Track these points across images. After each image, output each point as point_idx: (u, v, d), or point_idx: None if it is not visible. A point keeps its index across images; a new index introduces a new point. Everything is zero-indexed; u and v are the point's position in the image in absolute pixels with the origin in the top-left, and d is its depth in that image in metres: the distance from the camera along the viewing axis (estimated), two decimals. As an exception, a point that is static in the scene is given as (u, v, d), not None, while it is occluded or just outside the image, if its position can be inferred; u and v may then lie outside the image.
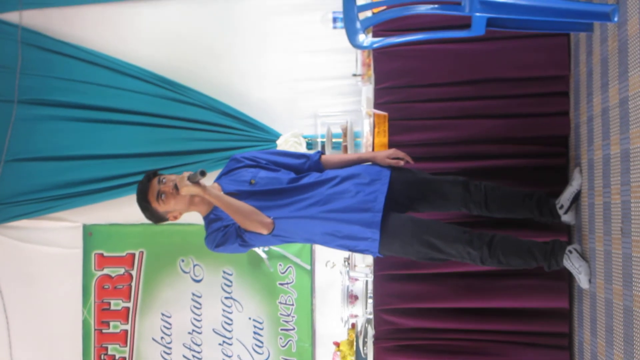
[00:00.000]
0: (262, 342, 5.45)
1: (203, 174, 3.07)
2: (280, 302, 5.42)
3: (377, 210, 3.24)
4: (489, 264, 3.31)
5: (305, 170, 3.48)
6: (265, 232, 3.21)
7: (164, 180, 3.24)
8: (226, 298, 5.46)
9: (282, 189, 3.33)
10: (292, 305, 5.41)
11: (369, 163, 3.55)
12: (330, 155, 3.78)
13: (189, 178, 3.11)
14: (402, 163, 3.46)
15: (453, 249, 3.26)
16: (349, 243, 3.29)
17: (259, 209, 3.22)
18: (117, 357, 5.55)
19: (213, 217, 3.33)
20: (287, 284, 5.40)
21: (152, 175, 3.28)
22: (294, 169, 3.49)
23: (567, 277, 3.85)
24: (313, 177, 3.38)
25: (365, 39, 3.44)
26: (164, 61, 5.34)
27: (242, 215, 3.19)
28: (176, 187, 3.18)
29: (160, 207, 3.25)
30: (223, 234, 3.26)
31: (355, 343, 4.37)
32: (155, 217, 3.31)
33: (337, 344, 4.60)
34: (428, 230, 3.28)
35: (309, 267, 5.35)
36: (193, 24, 5.38)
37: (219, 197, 3.19)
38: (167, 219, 3.34)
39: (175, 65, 5.34)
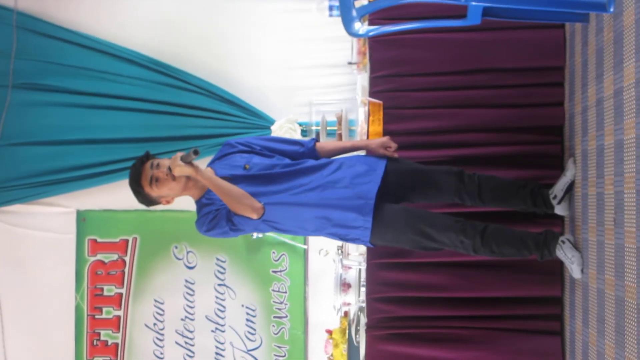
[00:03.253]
0: (254, 330, 5.46)
1: (196, 153, 3.03)
2: (274, 290, 5.42)
3: (369, 198, 3.23)
4: (481, 253, 3.31)
5: (300, 156, 3.46)
6: (255, 216, 3.20)
7: (157, 164, 3.22)
8: (219, 285, 5.46)
9: (276, 174, 3.31)
10: (285, 292, 5.41)
11: (364, 152, 3.54)
12: (325, 142, 3.78)
13: (181, 158, 3.09)
14: (395, 154, 3.46)
15: (446, 237, 3.26)
16: (340, 231, 3.28)
17: (252, 194, 3.21)
18: (109, 343, 5.55)
19: (205, 201, 3.31)
20: (281, 271, 5.41)
21: (145, 158, 3.25)
22: (289, 155, 3.46)
23: (560, 267, 3.86)
24: (308, 163, 3.37)
25: (361, 27, 3.44)
26: (159, 47, 5.32)
27: (233, 198, 3.17)
28: (170, 169, 3.15)
29: (153, 192, 3.24)
30: (213, 217, 3.25)
31: (347, 331, 4.38)
32: (148, 201, 3.30)
33: (329, 332, 4.61)
34: (421, 219, 3.28)
35: (304, 247, 5.35)
36: (189, 10, 5.36)
37: (211, 178, 3.17)
38: (159, 203, 3.33)
39: (171, 51, 5.32)
